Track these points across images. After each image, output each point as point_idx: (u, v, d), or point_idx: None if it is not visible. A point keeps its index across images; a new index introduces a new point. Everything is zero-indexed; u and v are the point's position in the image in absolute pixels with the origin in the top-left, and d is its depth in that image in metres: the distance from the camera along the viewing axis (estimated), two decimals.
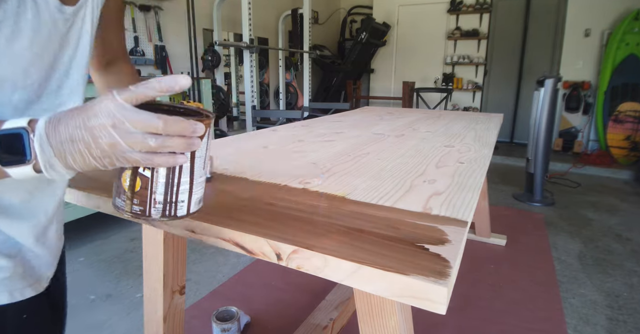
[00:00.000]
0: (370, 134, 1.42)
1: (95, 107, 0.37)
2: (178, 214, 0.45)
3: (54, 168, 0.38)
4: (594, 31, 4.77)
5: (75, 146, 0.37)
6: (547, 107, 3.03)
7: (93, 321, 1.61)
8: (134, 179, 0.43)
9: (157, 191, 0.43)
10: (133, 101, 0.37)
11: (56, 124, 0.37)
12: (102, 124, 0.36)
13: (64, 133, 0.37)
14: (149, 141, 0.37)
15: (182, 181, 0.44)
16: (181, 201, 0.45)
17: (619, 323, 1.65)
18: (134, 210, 0.44)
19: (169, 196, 0.44)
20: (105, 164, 0.38)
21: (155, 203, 0.43)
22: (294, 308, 1.71)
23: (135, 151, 0.37)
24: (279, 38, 5.18)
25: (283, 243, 0.53)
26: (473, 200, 0.71)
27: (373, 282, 0.48)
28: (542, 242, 2.43)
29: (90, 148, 0.37)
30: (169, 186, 0.43)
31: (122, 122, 0.36)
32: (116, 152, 0.37)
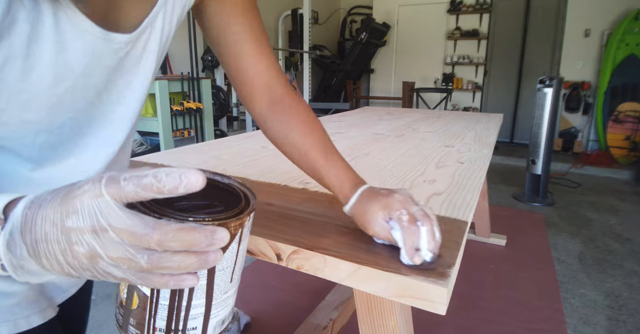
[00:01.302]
0: (370, 134, 1.42)
1: (75, 201, 0.27)
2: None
3: (29, 272, 0.28)
4: (594, 31, 4.77)
5: (50, 247, 0.27)
6: (552, 107, 3.03)
7: (93, 321, 1.60)
8: (130, 294, 0.31)
9: (157, 316, 0.31)
10: (121, 200, 0.27)
11: (36, 211, 0.27)
12: (80, 228, 0.26)
13: (40, 230, 0.27)
14: (139, 260, 0.26)
15: (194, 305, 0.32)
16: (192, 329, 0.33)
17: (619, 323, 1.65)
18: (130, 331, 0.33)
19: (173, 323, 0.32)
20: (85, 275, 0.28)
21: (154, 330, 0.32)
22: (293, 308, 1.71)
23: (122, 267, 0.27)
24: (279, 38, 5.19)
25: (283, 243, 0.53)
26: (473, 200, 0.71)
27: (373, 282, 0.48)
28: (542, 242, 2.43)
29: (66, 255, 0.27)
30: (173, 310, 0.31)
31: (105, 230, 0.26)
32: (97, 267, 0.27)
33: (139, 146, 2.76)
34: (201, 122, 3.04)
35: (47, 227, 0.27)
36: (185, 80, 2.89)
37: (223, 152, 1.09)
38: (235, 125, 4.52)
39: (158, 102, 2.67)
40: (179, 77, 2.88)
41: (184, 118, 2.91)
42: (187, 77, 2.89)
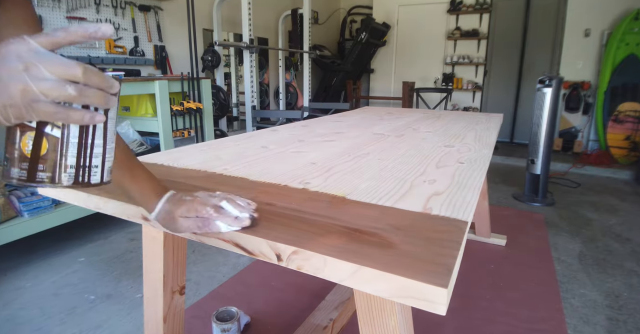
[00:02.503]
0: (370, 134, 1.42)
1: (3, 50, 0.31)
2: (92, 181, 0.41)
3: None
4: (594, 31, 4.76)
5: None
6: (551, 107, 3.03)
7: (93, 322, 1.60)
8: (38, 141, 0.37)
9: (68, 154, 0.38)
10: (49, 45, 0.32)
11: None
12: (12, 66, 0.31)
13: None
14: (67, 88, 0.32)
15: (96, 144, 0.39)
16: (95, 166, 0.40)
17: (619, 323, 1.65)
18: (38, 177, 0.38)
19: (82, 159, 0.39)
20: (9, 114, 0.32)
21: (66, 167, 0.38)
22: (294, 308, 1.71)
23: (48, 101, 0.32)
24: (279, 38, 5.18)
25: (283, 244, 0.53)
26: (473, 200, 0.71)
27: (373, 282, 0.48)
28: (542, 242, 2.43)
29: None
30: (82, 147, 0.38)
31: (36, 66, 0.31)
32: (26, 100, 0.31)
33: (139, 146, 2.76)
34: (201, 122, 3.04)
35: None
36: (185, 80, 2.89)
37: (223, 152, 1.09)
38: (235, 125, 4.52)
39: (158, 102, 2.67)
40: (179, 77, 2.88)
41: (184, 118, 2.91)
42: (187, 77, 2.89)
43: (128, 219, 0.69)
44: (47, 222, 2.08)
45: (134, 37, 3.28)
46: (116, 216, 0.72)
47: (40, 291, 1.82)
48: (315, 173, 0.88)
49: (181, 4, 3.51)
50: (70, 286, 1.87)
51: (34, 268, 2.03)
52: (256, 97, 4.01)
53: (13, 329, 1.55)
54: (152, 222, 0.63)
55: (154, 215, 0.61)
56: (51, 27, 2.67)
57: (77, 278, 1.94)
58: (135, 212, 0.68)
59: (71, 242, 2.33)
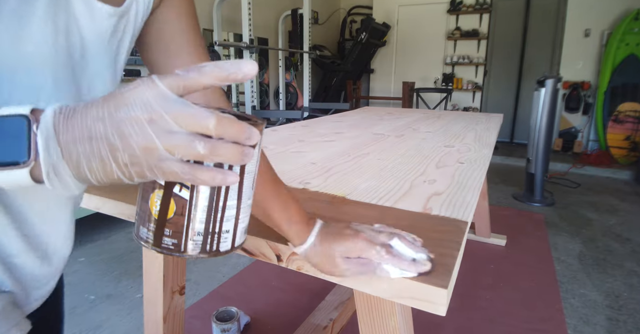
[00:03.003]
0: (370, 134, 1.42)
1: (126, 95, 0.27)
2: (221, 249, 0.35)
3: (59, 176, 0.27)
4: (594, 31, 4.77)
5: (94, 146, 0.26)
6: (547, 107, 3.03)
7: (93, 321, 1.60)
8: (166, 202, 0.32)
9: (196, 219, 0.32)
10: (179, 90, 0.27)
11: (70, 115, 0.27)
12: (135, 117, 0.26)
13: (79, 128, 0.26)
14: (197, 146, 0.27)
15: (228, 206, 0.33)
16: (225, 232, 0.34)
17: (618, 323, 1.65)
18: (164, 243, 0.33)
19: (211, 225, 0.33)
20: (132, 174, 0.27)
21: (193, 234, 0.33)
22: (293, 308, 1.71)
23: (174, 159, 0.27)
24: (279, 38, 5.18)
25: (283, 244, 0.53)
26: (473, 200, 0.71)
27: (373, 283, 0.48)
28: (542, 242, 2.43)
29: (115, 151, 0.26)
30: (212, 211, 0.33)
31: (162, 117, 0.26)
32: (150, 159, 0.27)
33: None
34: None
35: (90, 123, 0.26)
36: None
37: None
38: None
39: None
40: None
41: None
42: None
43: (128, 219, 0.69)
44: None
45: None
46: (116, 216, 0.71)
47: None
48: (315, 173, 0.88)
49: None
50: (71, 286, 1.87)
51: None
52: (256, 97, 4.01)
53: None
54: (300, 257, 0.52)
55: (302, 250, 0.50)
56: None
57: (77, 278, 1.94)
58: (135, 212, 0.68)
59: None
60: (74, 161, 0.27)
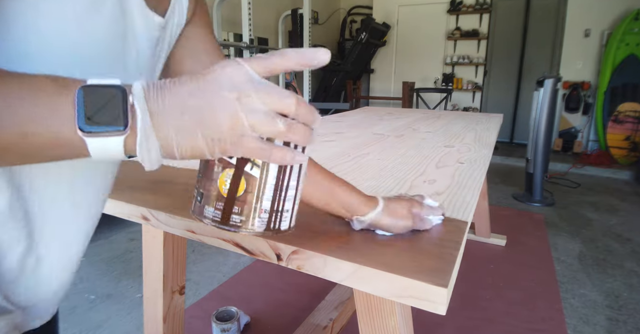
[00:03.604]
0: (370, 134, 1.42)
1: (215, 75, 0.29)
2: (282, 227, 0.37)
3: (149, 146, 0.28)
4: (594, 31, 4.76)
5: (185, 119, 0.28)
6: (546, 107, 3.03)
7: (93, 321, 1.60)
8: (237, 180, 0.34)
9: (264, 196, 0.34)
10: (263, 72, 0.30)
11: (159, 90, 0.28)
12: (225, 94, 0.28)
13: (170, 101, 0.28)
14: (278, 123, 0.29)
15: (290, 185, 0.36)
16: (286, 211, 0.37)
17: (618, 323, 1.65)
18: (233, 220, 0.35)
19: (276, 203, 0.35)
20: (215, 148, 0.29)
21: (260, 212, 0.35)
22: (293, 308, 1.71)
23: (254, 136, 0.29)
24: (279, 38, 5.18)
25: (283, 244, 0.53)
26: (473, 200, 0.71)
27: (373, 282, 0.48)
28: (542, 242, 2.43)
29: (204, 124, 0.28)
30: (277, 190, 0.35)
31: (250, 96, 0.28)
32: (234, 134, 0.29)
33: None
34: None
35: (182, 97, 0.28)
36: None
37: None
38: None
39: None
40: None
41: None
42: None
43: (129, 218, 0.69)
44: None
45: None
46: (116, 215, 0.71)
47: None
48: None
49: None
50: (71, 285, 1.87)
51: None
52: None
53: None
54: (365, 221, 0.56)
55: (376, 212, 0.55)
56: None
57: (78, 278, 1.94)
58: (135, 212, 0.68)
59: None
60: (163, 132, 0.28)
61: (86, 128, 0.26)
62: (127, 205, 0.68)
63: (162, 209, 0.65)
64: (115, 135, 0.27)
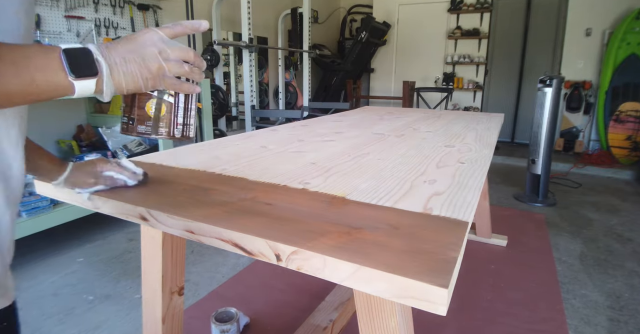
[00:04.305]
0: (370, 134, 1.41)
1: (141, 38, 0.47)
2: (190, 135, 0.58)
3: (108, 85, 0.44)
4: (595, 31, 4.76)
5: (128, 66, 0.45)
6: (552, 107, 3.02)
7: (92, 322, 1.60)
8: (159, 106, 0.54)
9: (179, 114, 0.55)
10: (171, 35, 0.49)
11: (108, 48, 0.45)
12: (151, 50, 0.47)
13: (117, 55, 0.45)
14: (185, 67, 0.50)
15: (192, 107, 0.57)
16: (191, 124, 0.58)
17: (620, 323, 1.64)
18: (160, 132, 0.55)
19: (186, 118, 0.56)
20: (149, 85, 0.48)
21: (177, 125, 0.56)
22: (293, 308, 1.70)
23: (171, 76, 0.49)
24: (279, 37, 5.18)
25: (282, 244, 0.52)
26: (474, 200, 0.71)
27: (373, 283, 0.47)
28: (543, 242, 2.42)
29: (141, 69, 0.46)
30: (185, 110, 0.56)
31: (165, 50, 0.48)
32: (159, 74, 0.48)
33: (138, 146, 2.75)
34: (200, 121, 3.03)
35: (124, 53, 0.45)
36: None
37: (222, 152, 1.09)
38: (234, 125, 4.51)
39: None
40: None
41: None
42: None
43: (127, 219, 0.69)
44: (45, 222, 2.07)
45: None
46: (115, 216, 0.71)
47: (39, 291, 1.82)
48: (315, 173, 0.88)
49: (180, 3, 3.50)
50: (69, 286, 1.86)
51: (33, 268, 2.02)
52: (255, 96, 4.00)
53: None
54: (59, 185, 0.71)
55: (64, 176, 0.70)
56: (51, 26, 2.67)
57: (76, 279, 1.93)
58: (133, 212, 0.67)
59: (70, 242, 2.32)
60: (116, 77, 0.45)
61: (74, 76, 0.41)
62: (125, 205, 0.68)
63: (160, 210, 0.64)
64: (91, 78, 0.43)
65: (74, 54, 0.41)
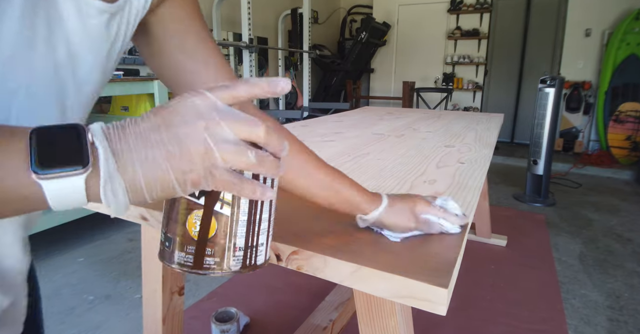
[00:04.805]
0: (370, 134, 1.41)
1: (178, 106, 0.27)
2: (258, 262, 0.36)
3: (114, 187, 0.25)
4: (595, 31, 4.76)
5: (150, 154, 0.26)
6: (554, 107, 3.02)
7: (92, 322, 1.60)
8: (207, 221, 0.32)
9: (237, 234, 0.33)
10: (229, 100, 0.28)
11: (120, 128, 0.26)
12: (192, 124, 0.26)
13: (133, 138, 0.26)
14: (250, 154, 0.27)
15: (263, 219, 0.34)
16: (261, 245, 0.35)
17: (619, 323, 1.65)
18: (207, 263, 0.33)
19: (250, 239, 0.34)
20: (187, 182, 0.27)
21: (235, 250, 0.33)
22: (293, 308, 1.70)
23: (225, 168, 0.27)
24: (279, 38, 5.18)
25: (282, 244, 0.53)
26: (474, 200, 0.71)
27: (373, 283, 0.47)
28: (542, 242, 2.43)
29: (173, 157, 0.26)
30: (250, 225, 0.33)
31: (218, 124, 0.27)
32: (206, 165, 0.27)
33: None
34: None
35: (145, 133, 0.26)
36: None
37: None
38: None
39: (157, 102, 2.66)
40: None
41: None
42: None
43: (127, 219, 0.69)
44: (45, 222, 2.07)
45: None
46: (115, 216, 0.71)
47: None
48: None
49: None
50: (69, 286, 1.86)
51: None
52: None
53: None
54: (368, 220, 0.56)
55: (379, 211, 0.55)
56: None
57: (76, 279, 1.93)
58: (134, 212, 0.67)
59: (70, 242, 2.32)
60: (129, 172, 0.25)
61: (41, 170, 0.23)
62: None
63: (161, 209, 0.64)
64: (74, 175, 0.24)
65: (49, 136, 0.24)
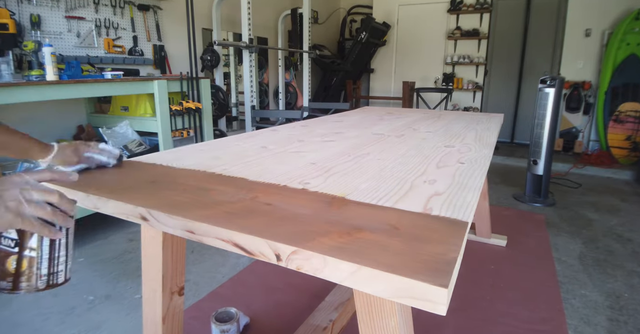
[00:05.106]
0: (370, 134, 1.42)
1: (2, 180, 0.50)
2: (59, 282, 0.57)
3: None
4: (595, 31, 4.76)
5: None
6: (554, 107, 3.02)
7: (92, 322, 1.60)
8: (20, 262, 0.53)
9: (42, 267, 0.54)
10: (37, 179, 0.53)
11: None
12: (11, 190, 0.49)
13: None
14: (47, 207, 0.51)
15: (61, 255, 0.57)
16: (60, 271, 0.57)
17: (619, 323, 1.65)
18: (21, 287, 0.53)
19: (51, 268, 0.56)
20: (10, 220, 0.48)
21: (41, 276, 0.55)
22: (293, 308, 1.70)
23: (32, 214, 0.49)
24: (279, 38, 5.18)
25: (282, 244, 0.53)
26: (473, 200, 0.71)
27: (373, 283, 0.47)
28: (542, 242, 2.43)
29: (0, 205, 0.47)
30: (51, 261, 0.55)
31: (27, 190, 0.50)
32: (19, 211, 0.48)
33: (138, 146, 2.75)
34: (200, 122, 3.04)
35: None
36: (184, 80, 2.88)
37: (222, 152, 1.09)
38: (234, 125, 4.51)
39: (157, 102, 2.66)
40: (178, 76, 2.87)
41: (183, 118, 2.91)
42: (186, 77, 2.89)
43: (127, 219, 0.69)
44: None
45: (132, 37, 3.28)
46: (115, 216, 0.71)
47: (39, 291, 1.81)
48: (315, 173, 0.88)
49: (180, 4, 3.50)
50: (69, 286, 1.86)
51: None
52: (255, 97, 4.00)
53: (12, 330, 1.54)
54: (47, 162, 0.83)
55: (52, 155, 0.82)
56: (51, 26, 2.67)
57: (76, 279, 1.93)
58: (134, 212, 0.67)
59: None
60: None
61: None
62: (125, 205, 0.68)
63: (161, 210, 0.64)
64: None
65: None
